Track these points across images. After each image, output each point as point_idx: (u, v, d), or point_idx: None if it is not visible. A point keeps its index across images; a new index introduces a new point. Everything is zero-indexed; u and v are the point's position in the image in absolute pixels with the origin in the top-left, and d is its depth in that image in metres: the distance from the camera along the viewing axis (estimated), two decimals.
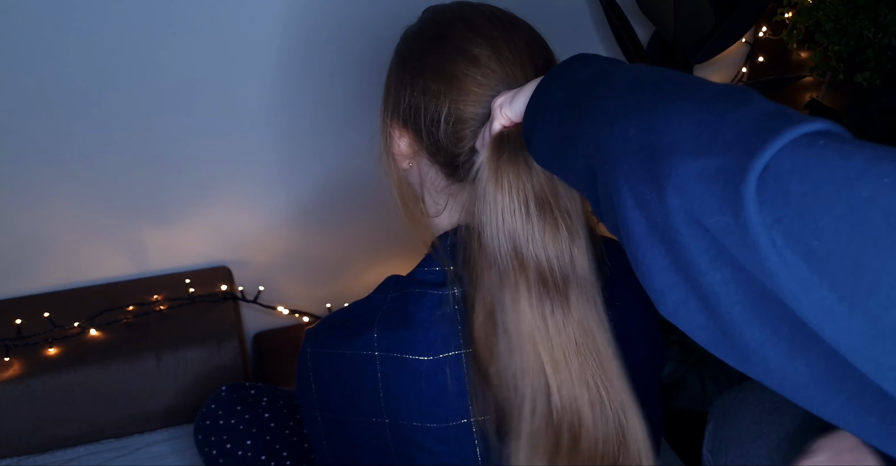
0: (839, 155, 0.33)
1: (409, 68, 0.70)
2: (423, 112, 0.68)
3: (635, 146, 0.42)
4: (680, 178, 0.38)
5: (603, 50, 1.40)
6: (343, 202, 1.39)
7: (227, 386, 1.00)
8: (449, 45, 0.67)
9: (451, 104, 0.66)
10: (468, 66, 0.65)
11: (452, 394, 0.67)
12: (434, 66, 0.67)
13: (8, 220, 1.23)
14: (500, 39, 0.66)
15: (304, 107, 1.28)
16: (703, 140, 0.38)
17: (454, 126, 0.66)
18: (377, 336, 0.67)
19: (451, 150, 0.68)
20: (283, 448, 0.96)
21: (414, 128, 0.69)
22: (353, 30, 1.22)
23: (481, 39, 0.66)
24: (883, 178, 0.31)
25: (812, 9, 1.19)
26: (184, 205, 1.31)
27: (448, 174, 0.70)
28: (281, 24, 1.19)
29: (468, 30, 0.67)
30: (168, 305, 1.27)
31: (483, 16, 0.68)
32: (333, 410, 0.71)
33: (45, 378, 1.15)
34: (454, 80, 0.65)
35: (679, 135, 0.40)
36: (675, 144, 0.39)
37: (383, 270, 1.49)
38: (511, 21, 0.69)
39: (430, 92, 0.67)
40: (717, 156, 0.37)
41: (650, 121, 0.42)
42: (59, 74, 1.13)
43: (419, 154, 0.71)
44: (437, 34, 0.68)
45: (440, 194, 0.72)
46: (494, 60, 0.65)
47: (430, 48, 0.68)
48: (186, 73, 1.19)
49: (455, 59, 0.66)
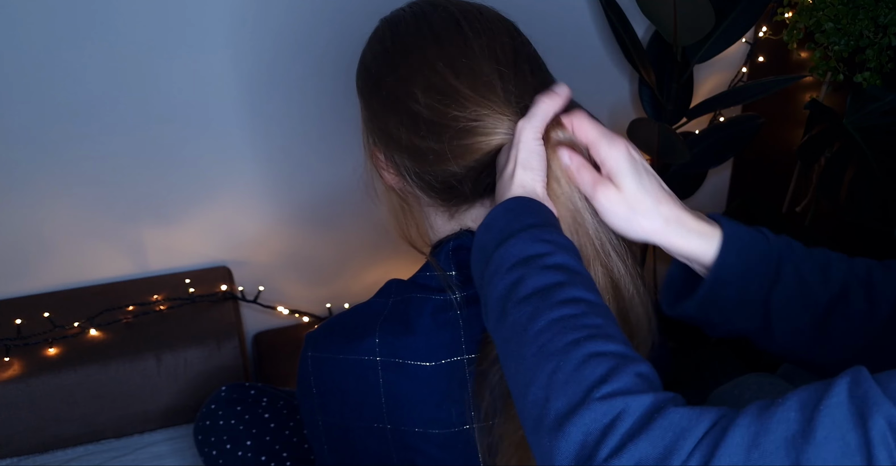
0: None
1: (376, 107, 0.67)
2: (402, 157, 0.66)
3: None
4: None
5: (603, 50, 1.40)
6: (343, 202, 1.39)
7: (226, 387, 1.00)
8: (408, 83, 0.63)
9: (409, 162, 0.65)
10: (436, 104, 0.61)
11: (454, 400, 0.66)
12: (400, 110, 0.64)
13: (8, 220, 1.23)
14: (460, 56, 0.61)
15: (304, 107, 1.28)
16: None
17: (440, 167, 0.64)
18: (379, 341, 0.67)
19: (443, 180, 0.66)
20: (282, 448, 0.96)
21: (396, 162, 0.68)
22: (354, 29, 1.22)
23: (442, 65, 0.61)
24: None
25: (812, 9, 1.19)
26: (184, 205, 1.30)
27: (445, 199, 0.68)
28: (282, 25, 1.19)
29: (423, 58, 0.62)
30: (168, 305, 1.27)
31: (434, 35, 0.63)
32: (334, 415, 0.71)
33: (45, 378, 1.15)
34: (424, 125, 0.62)
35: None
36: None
37: (383, 270, 1.49)
38: (471, 24, 0.64)
39: (402, 144, 0.65)
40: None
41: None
42: (67, 79, 1.13)
43: (407, 178, 0.69)
44: (395, 63, 0.64)
45: (438, 212, 0.71)
46: (464, 87, 0.61)
47: (392, 84, 0.64)
48: (190, 77, 1.19)
49: (419, 99, 0.62)
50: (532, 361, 0.45)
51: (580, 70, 1.40)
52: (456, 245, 0.69)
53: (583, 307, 0.48)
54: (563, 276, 0.50)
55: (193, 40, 1.16)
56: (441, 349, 0.66)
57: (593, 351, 0.44)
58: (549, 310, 0.47)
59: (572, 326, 0.46)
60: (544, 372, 0.44)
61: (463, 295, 0.67)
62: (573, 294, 0.49)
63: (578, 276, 0.52)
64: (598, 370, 0.42)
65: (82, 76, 1.14)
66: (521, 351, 0.46)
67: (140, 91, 1.18)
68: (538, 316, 0.47)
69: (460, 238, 0.69)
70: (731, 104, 1.29)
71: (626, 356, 0.44)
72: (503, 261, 0.53)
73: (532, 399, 0.44)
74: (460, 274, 0.68)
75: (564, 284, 0.50)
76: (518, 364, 0.47)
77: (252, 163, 1.31)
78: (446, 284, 0.67)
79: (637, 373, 0.43)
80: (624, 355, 0.44)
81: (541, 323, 0.47)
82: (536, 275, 0.50)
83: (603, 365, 0.43)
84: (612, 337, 0.46)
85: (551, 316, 0.47)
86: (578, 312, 0.47)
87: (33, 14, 1.07)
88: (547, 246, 0.53)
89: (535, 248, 0.52)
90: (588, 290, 0.50)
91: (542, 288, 0.49)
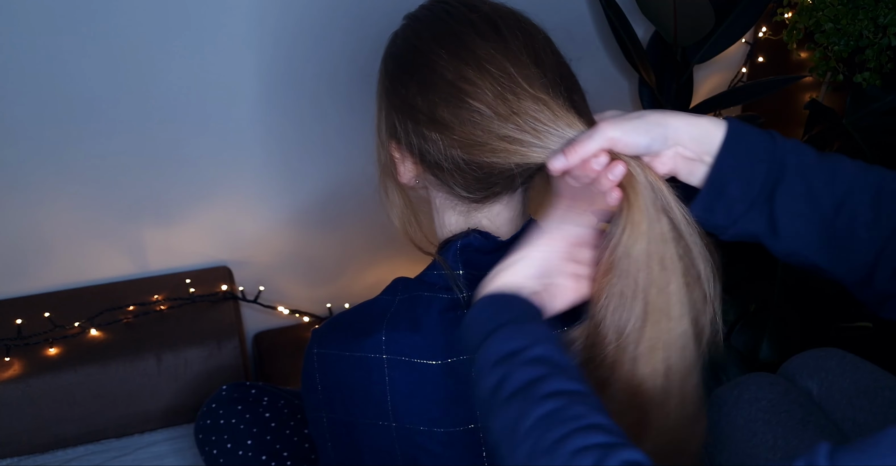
0: None
1: (398, 105, 0.66)
2: (426, 152, 0.65)
3: None
4: None
5: (603, 50, 1.40)
6: (343, 202, 1.39)
7: (227, 386, 1.00)
8: (438, 83, 0.62)
9: (454, 150, 0.63)
10: (460, 106, 0.61)
11: (459, 399, 0.66)
12: (425, 112, 0.63)
13: (8, 220, 1.22)
14: (493, 59, 0.61)
15: (305, 107, 1.28)
16: None
17: (467, 166, 0.63)
18: (385, 338, 0.67)
19: (485, 173, 0.65)
20: (283, 447, 0.96)
21: (417, 158, 0.67)
22: (354, 28, 1.22)
23: (472, 68, 0.61)
24: None
25: (812, 9, 1.19)
26: (184, 205, 1.30)
27: (471, 191, 0.67)
28: (283, 25, 1.19)
29: (454, 55, 0.62)
30: (168, 305, 1.27)
31: (471, 28, 0.62)
32: (339, 412, 0.71)
33: (45, 378, 1.15)
34: (451, 128, 0.62)
35: None
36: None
37: (383, 270, 1.49)
38: (508, 25, 0.64)
39: (429, 138, 0.64)
40: None
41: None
42: (67, 79, 1.13)
43: (426, 174, 0.68)
44: (421, 63, 0.63)
45: (454, 208, 0.71)
46: (497, 101, 0.60)
47: (416, 87, 0.63)
48: (190, 77, 1.18)
49: (448, 100, 0.61)
50: (525, 462, 0.49)
51: (580, 70, 1.39)
52: (464, 243, 0.69)
53: (564, 400, 0.50)
54: (543, 369, 0.52)
55: (194, 40, 1.16)
56: (447, 347, 0.66)
57: (578, 446, 0.46)
58: (534, 407, 0.50)
59: (559, 420, 0.48)
60: None
61: (470, 294, 0.67)
62: (554, 387, 0.51)
63: (558, 367, 0.53)
64: (583, 464, 0.46)
65: (83, 76, 1.14)
66: (514, 451, 0.50)
67: (140, 91, 1.18)
68: (525, 416, 0.50)
69: (468, 236, 0.69)
70: (731, 104, 1.30)
71: (609, 445, 0.46)
72: (487, 360, 0.55)
73: None
74: (467, 273, 0.68)
75: (545, 377, 0.52)
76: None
77: (253, 163, 1.31)
78: (454, 283, 0.67)
79: (622, 462, 0.45)
80: (607, 444, 0.46)
81: (528, 423, 0.49)
82: (518, 372, 0.53)
83: (588, 458, 0.46)
84: (596, 428, 0.48)
85: (537, 414, 0.49)
86: (561, 405, 0.49)
87: (33, 13, 1.07)
88: (525, 340, 0.54)
89: (515, 344, 0.54)
90: (569, 379, 0.52)
91: (524, 384, 0.52)
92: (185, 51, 1.16)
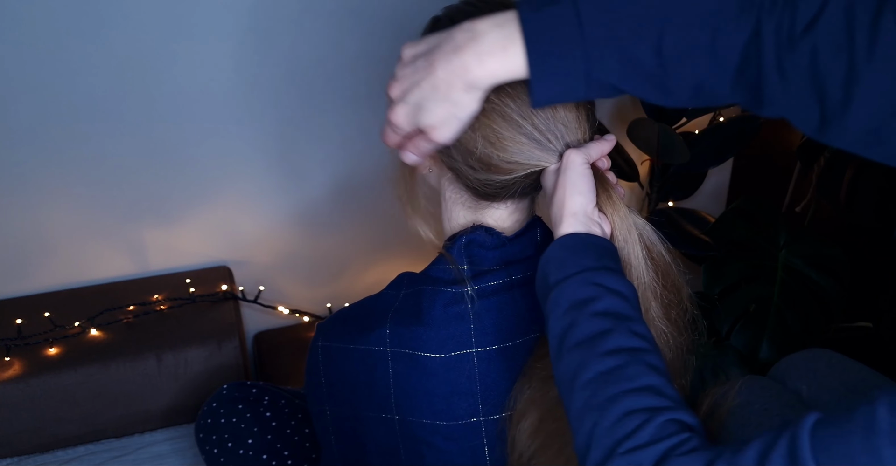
0: None
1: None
2: (446, 154, 0.67)
3: None
4: None
5: None
6: (343, 202, 1.39)
7: (228, 385, 1.00)
8: None
9: (477, 151, 0.64)
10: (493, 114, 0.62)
11: (463, 393, 0.67)
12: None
13: (9, 220, 1.23)
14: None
15: (305, 107, 1.28)
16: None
17: (485, 171, 0.65)
18: (390, 332, 0.67)
19: (483, 185, 0.67)
20: (284, 447, 0.96)
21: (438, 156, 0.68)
22: (355, 30, 1.23)
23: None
24: None
25: None
26: (184, 205, 1.31)
27: (478, 196, 0.69)
28: (284, 26, 1.19)
29: None
30: (168, 305, 1.27)
31: None
32: (343, 405, 0.71)
33: (45, 378, 1.15)
34: (478, 130, 0.63)
35: None
36: None
37: (383, 270, 1.49)
38: None
39: (451, 154, 0.66)
40: None
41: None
42: (69, 80, 1.13)
43: (443, 169, 0.70)
44: None
45: (463, 204, 0.71)
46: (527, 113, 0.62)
47: None
48: (190, 78, 1.19)
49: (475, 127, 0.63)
50: (578, 412, 0.53)
51: None
52: (468, 239, 0.69)
53: (624, 357, 0.53)
54: (609, 323, 0.56)
55: (195, 41, 1.16)
56: (451, 341, 0.66)
57: (628, 408, 0.50)
58: (595, 362, 0.54)
59: (614, 380, 0.53)
60: (587, 425, 0.52)
61: (475, 288, 0.67)
62: (616, 343, 0.54)
63: (623, 322, 0.56)
64: (629, 426, 0.50)
65: (84, 76, 1.14)
66: (571, 397, 0.54)
67: (141, 91, 1.18)
68: (585, 367, 0.54)
69: (474, 232, 0.69)
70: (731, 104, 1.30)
71: (657, 408, 0.50)
72: (559, 302, 0.58)
73: (577, 444, 0.53)
74: (472, 269, 0.68)
75: (610, 332, 0.55)
76: (568, 410, 0.55)
77: (253, 164, 1.31)
78: (459, 277, 0.68)
79: (664, 422, 0.49)
80: (655, 408, 0.50)
81: (587, 376, 0.54)
82: (585, 323, 0.56)
83: (633, 420, 0.50)
84: (647, 390, 0.52)
85: (596, 369, 0.53)
86: (619, 364, 0.53)
87: (35, 14, 1.07)
88: (596, 290, 0.57)
89: (586, 292, 0.58)
90: (631, 336, 0.55)
91: (589, 336, 0.55)
92: (186, 52, 1.17)
